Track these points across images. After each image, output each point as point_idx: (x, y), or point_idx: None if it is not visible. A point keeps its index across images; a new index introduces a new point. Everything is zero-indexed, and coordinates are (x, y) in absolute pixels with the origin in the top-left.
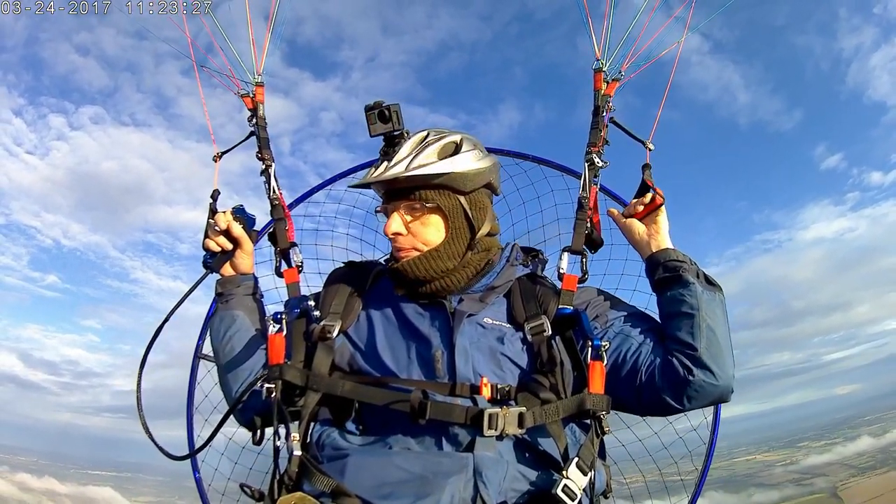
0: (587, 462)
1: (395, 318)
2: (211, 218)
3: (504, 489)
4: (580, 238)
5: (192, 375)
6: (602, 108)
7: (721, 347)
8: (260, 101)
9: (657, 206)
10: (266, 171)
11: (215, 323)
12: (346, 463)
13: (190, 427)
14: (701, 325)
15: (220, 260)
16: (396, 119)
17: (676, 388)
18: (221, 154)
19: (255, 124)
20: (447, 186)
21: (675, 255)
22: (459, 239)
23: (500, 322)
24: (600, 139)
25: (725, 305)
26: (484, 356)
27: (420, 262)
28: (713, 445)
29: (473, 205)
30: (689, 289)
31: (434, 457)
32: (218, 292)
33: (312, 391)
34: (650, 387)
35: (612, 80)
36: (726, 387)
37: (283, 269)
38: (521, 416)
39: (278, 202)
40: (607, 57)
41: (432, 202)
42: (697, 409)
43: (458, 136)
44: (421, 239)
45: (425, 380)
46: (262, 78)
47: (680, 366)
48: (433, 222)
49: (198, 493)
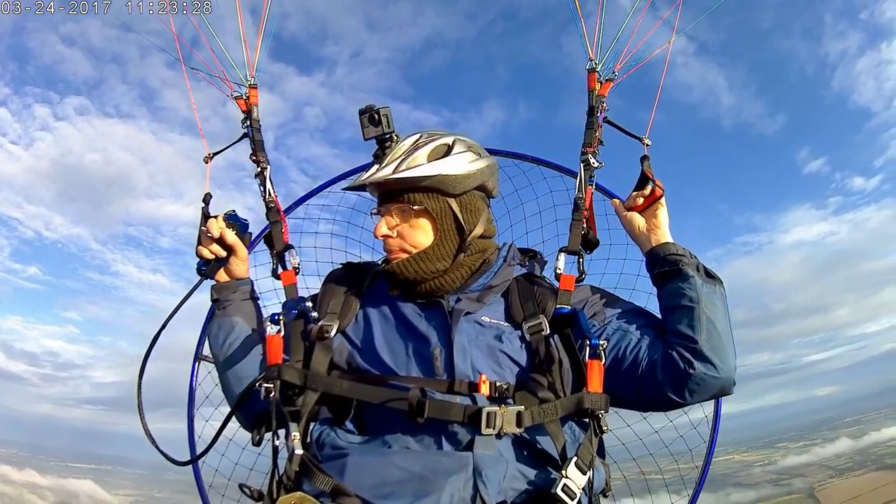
0: (586, 461)
1: (393, 317)
2: (203, 224)
3: (504, 488)
4: (576, 238)
5: (192, 378)
6: (597, 109)
7: (722, 339)
8: (253, 104)
9: (657, 198)
10: (261, 173)
11: (213, 329)
12: (345, 462)
13: (191, 430)
14: (701, 317)
15: (214, 267)
16: (386, 122)
17: (677, 381)
18: (213, 155)
19: (248, 126)
20: (436, 189)
21: (674, 248)
22: (448, 241)
23: (498, 320)
24: (595, 139)
25: (726, 298)
26: (482, 354)
27: (409, 263)
28: (714, 443)
29: (464, 207)
30: (689, 282)
31: (433, 456)
32: (214, 298)
33: (311, 391)
34: (651, 381)
35: (605, 80)
36: (728, 379)
37: (280, 272)
38: (519, 414)
39: (274, 205)
40: (600, 57)
41: (420, 204)
42: (698, 403)
43: (450, 139)
44: (409, 241)
45: (423, 377)
46: (255, 80)
47: (680, 359)
48: (421, 225)
49: (198, 493)
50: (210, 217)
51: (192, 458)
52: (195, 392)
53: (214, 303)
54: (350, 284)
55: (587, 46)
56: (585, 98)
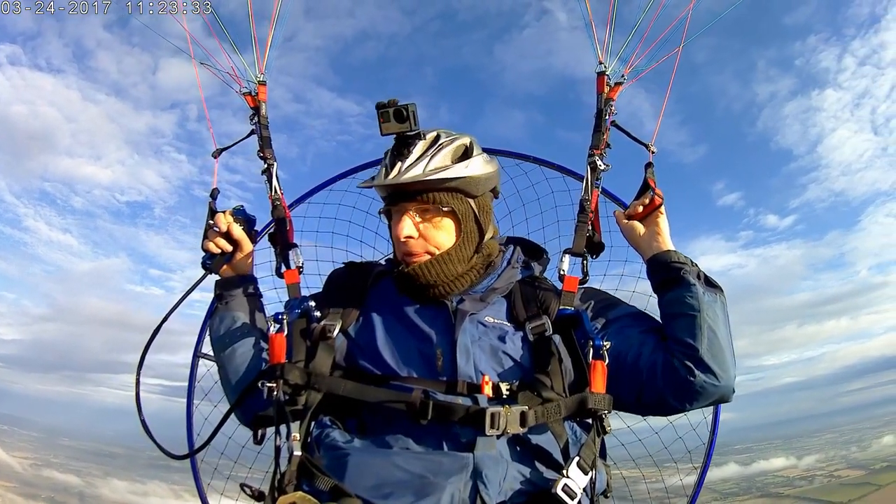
0: (588, 461)
1: (396, 316)
2: (210, 218)
3: (504, 489)
4: (581, 240)
5: (192, 374)
6: (605, 112)
7: (722, 348)
8: (262, 100)
9: (656, 206)
10: (267, 170)
11: (215, 324)
12: (346, 463)
13: (189, 426)
14: (702, 325)
15: (219, 261)
16: (413, 119)
17: (678, 388)
18: (221, 151)
19: (256, 123)
20: (461, 190)
21: (676, 256)
22: (469, 243)
23: (501, 321)
24: (603, 142)
25: (727, 307)
26: (485, 354)
27: (432, 265)
28: (712, 446)
29: (481, 209)
30: (690, 290)
31: (434, 457)
32: (217, 293)
33: (313, 391)
34: (651, 387)
35: (615, 83)
36: (727, 387)
37: (284, 270)
38: (523, 414)
39: (279, 202)
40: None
41: (447, 206)
42: (698, 409)
43: (467, 139)
44: (433, 242)
45: (426, 377)
46: (264, 76)
47: (681, 367)
48: (445, 226)
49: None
50: (217, 212)
51: (189, 453)
52: (194, 388)
53: (217, 298)
54: (353, 284)
55: (597, 50)
56: (504, 113)
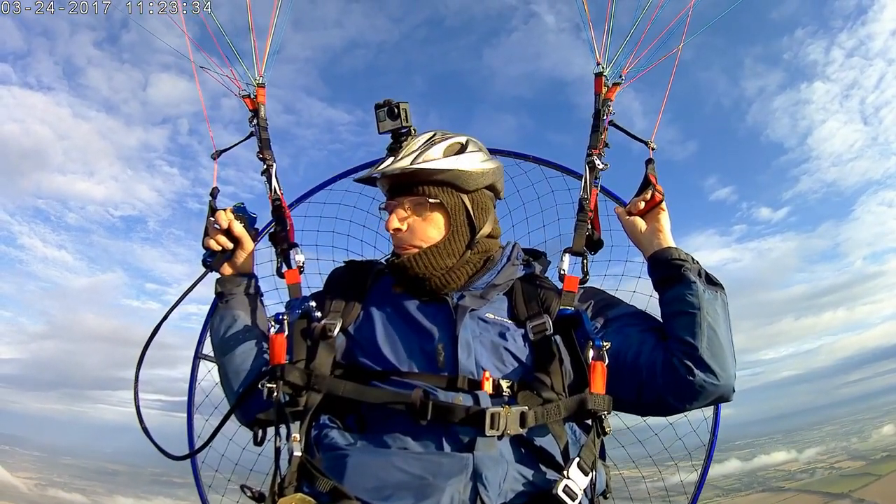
0: (588, 462)
1: (397, 313)
2: (211, 216)
3: (504, 490)
4: (581, 239)
5: (193, 375)
6: (603, 112)
7: (722, 347)
8: (261, 103)
9: (656, 203)
10: (267, 171)
11: (215, 322)
12: (345, 464)
13: (190, 427)
14: (702, 324)
15: (220, 259)
16: (405, 116)
17: (677, 387)
18: (220, 153)
19: (255, 125)
20: (450, 184)
21: (676, 253)
22: (460, 237)
23: (502, 318)
24: (601, 142)
25: (727, 305)
26: (486, 350)
27: (420, 258)
28: (713, 446)
29: (475, 204)
30: (691, 288)
31: (434, 457)
32: (218, 292)
33: (314, 392)
34: (650, 386)
35: (613, 84)
36: (727, 386)
37: (284, 270)
38: (522, 415)
39: (279, 202)
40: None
41: (435, 198)
42: (698, 409)
43: (464, 138)
44: (421, 235)
45: (427, 372)
46: (263, 79)
47: (681, 366)
48: (434, 219)
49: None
50: (217, 210)
51: (188, 453)
52: (195, 389)
53: (218, 296)
54: (353, 283)
55: (595, 50)
56: (494, 118)
